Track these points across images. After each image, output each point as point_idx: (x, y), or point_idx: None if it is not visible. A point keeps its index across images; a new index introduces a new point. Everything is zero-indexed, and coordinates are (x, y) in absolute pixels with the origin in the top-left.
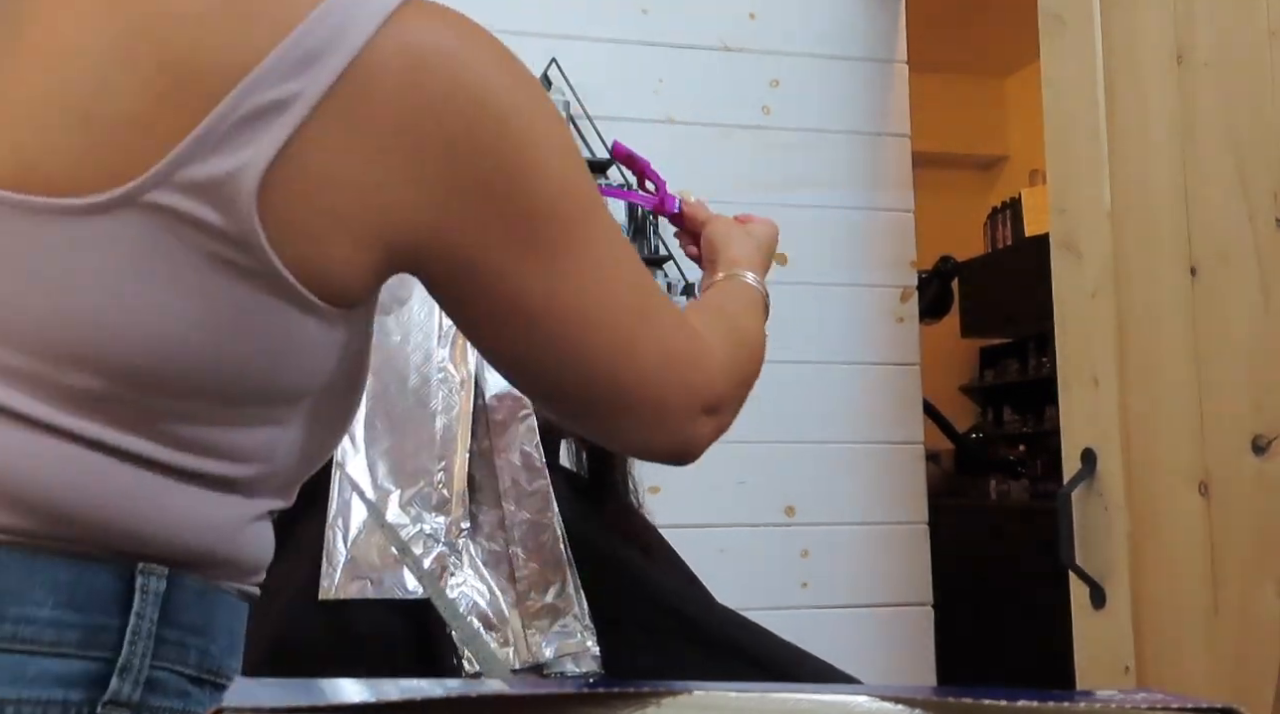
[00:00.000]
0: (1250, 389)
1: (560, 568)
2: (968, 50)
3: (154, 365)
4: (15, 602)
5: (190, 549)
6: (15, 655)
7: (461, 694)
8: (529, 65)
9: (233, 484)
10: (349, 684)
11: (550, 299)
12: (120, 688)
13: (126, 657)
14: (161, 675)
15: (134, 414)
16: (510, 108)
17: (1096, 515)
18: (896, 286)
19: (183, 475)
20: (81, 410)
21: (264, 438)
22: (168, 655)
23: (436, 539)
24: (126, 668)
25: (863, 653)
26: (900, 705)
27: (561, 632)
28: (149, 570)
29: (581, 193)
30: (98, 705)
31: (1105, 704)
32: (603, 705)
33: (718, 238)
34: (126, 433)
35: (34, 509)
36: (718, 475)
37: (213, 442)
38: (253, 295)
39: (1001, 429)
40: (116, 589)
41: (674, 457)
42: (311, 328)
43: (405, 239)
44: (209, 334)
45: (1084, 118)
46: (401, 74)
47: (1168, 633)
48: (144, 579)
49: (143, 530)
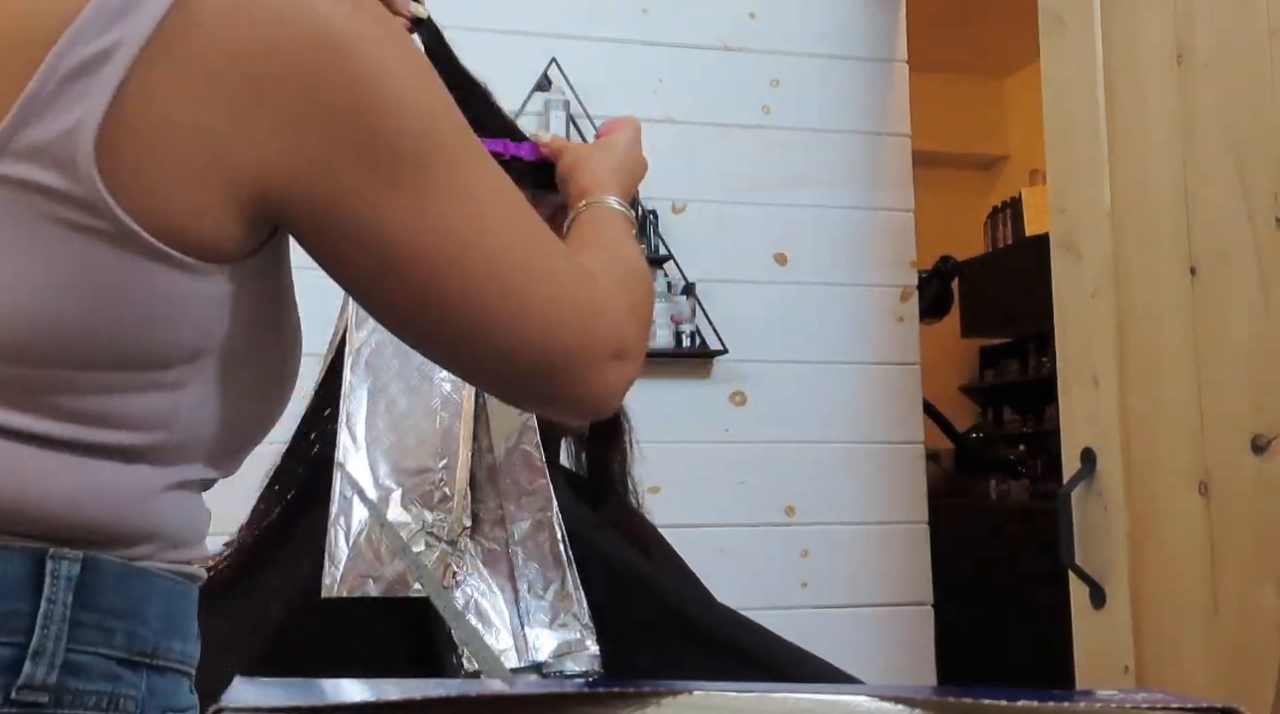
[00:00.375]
0: (1250, 389)
1: (560, 567)
2: (968, 50)
3: (27, 340)
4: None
5: (100, 523)
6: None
7: (461, 694)
8: (529, 65)
9: (134, 453)
10: (349, 684)
11: (417, 245)
12: (34, 672)
13: (39, 641)
14: (82, 659)
15: (17, 391)
16: (349, 35)
17: (1096, 515)
18: (896, 286)
19: (79, 448)
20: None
21: (158, 404)
22: (87, 639)
23: (438, 537)
24: (40, 652)
25: (863, 653)
26: (900, 705)
27: (560, 631)
28: (60, 555)
29: (446, 130)
30: (13, 690)
31: (1105, 704)
32: (603, 705)
33: (572, 166)
34: (13, 410)
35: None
36: (718, 475)
37: (103, 411)
38: (111, 256)
39: (1001, 429)
40: (27, 575)
41: (590, 410)
42: (181, 284)
43: (255, 185)
44: (77, 302)
45: (1084, 118)
46: (225, 8)
47: (1168, 633)
48: (54, 564)
49: (46, 508)
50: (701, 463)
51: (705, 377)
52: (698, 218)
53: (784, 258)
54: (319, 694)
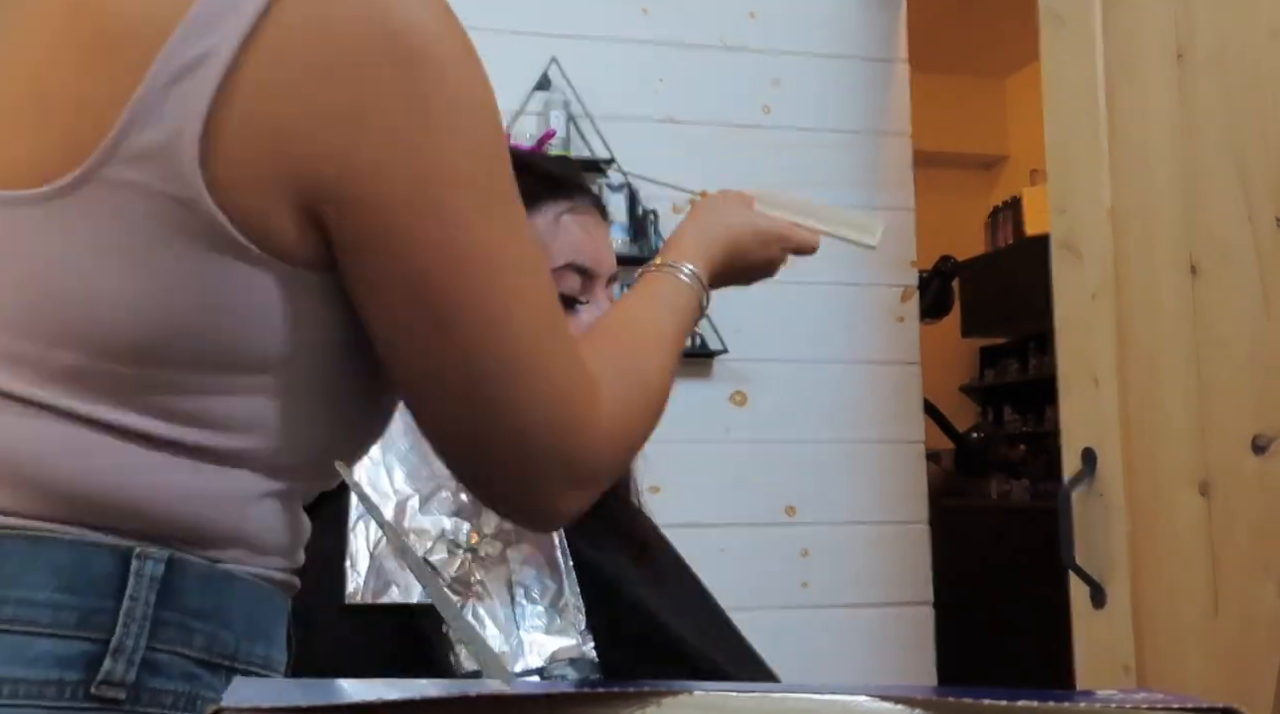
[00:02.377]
0: (1250, 389)
1: (557, 573)
2: (968, 50)
3: (131, 337)
4: (17, 586)
5: (189, 524)
6: (16, 636)
7: (461, 694)
8: (529, 64)
9: (231, 457)
10: (349, 684)
11: (442, 275)
12: (114, 668)
13: (120, 638)
14: (161, 658)
15: (121, 388)
16: (427, 48)
17: (1096, 515)
18: (897, 286)
19: (177, 448)
20: (71, 388)
21: (256, 408)
22: (167, 638)
23: (458, 545)
24: (120, 649)
25: (863, 653)
26: (900, 705)
27: (556, 637)
28: (145, 555)
29: (498, 169)
30: (93, 685)
31: (1105, 704)
32: (603, 705)
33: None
34: (116, 407)
35: (35, 488)
36: (718, 475)
37: (202, 411)
38: (212, 257)
39: (1002, 429)
40: (113, 573)
41: (530, 518)
42: (272, 287)
43: (310, 184)
44: (182, 303)
45: (1084, 118)
46: (311, 8)
47: (1168, 633)
48: (139, 563)
49: (139, 505)
50: (701, 463)
51: (705, 376)
52: None
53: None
54: (319, 694)
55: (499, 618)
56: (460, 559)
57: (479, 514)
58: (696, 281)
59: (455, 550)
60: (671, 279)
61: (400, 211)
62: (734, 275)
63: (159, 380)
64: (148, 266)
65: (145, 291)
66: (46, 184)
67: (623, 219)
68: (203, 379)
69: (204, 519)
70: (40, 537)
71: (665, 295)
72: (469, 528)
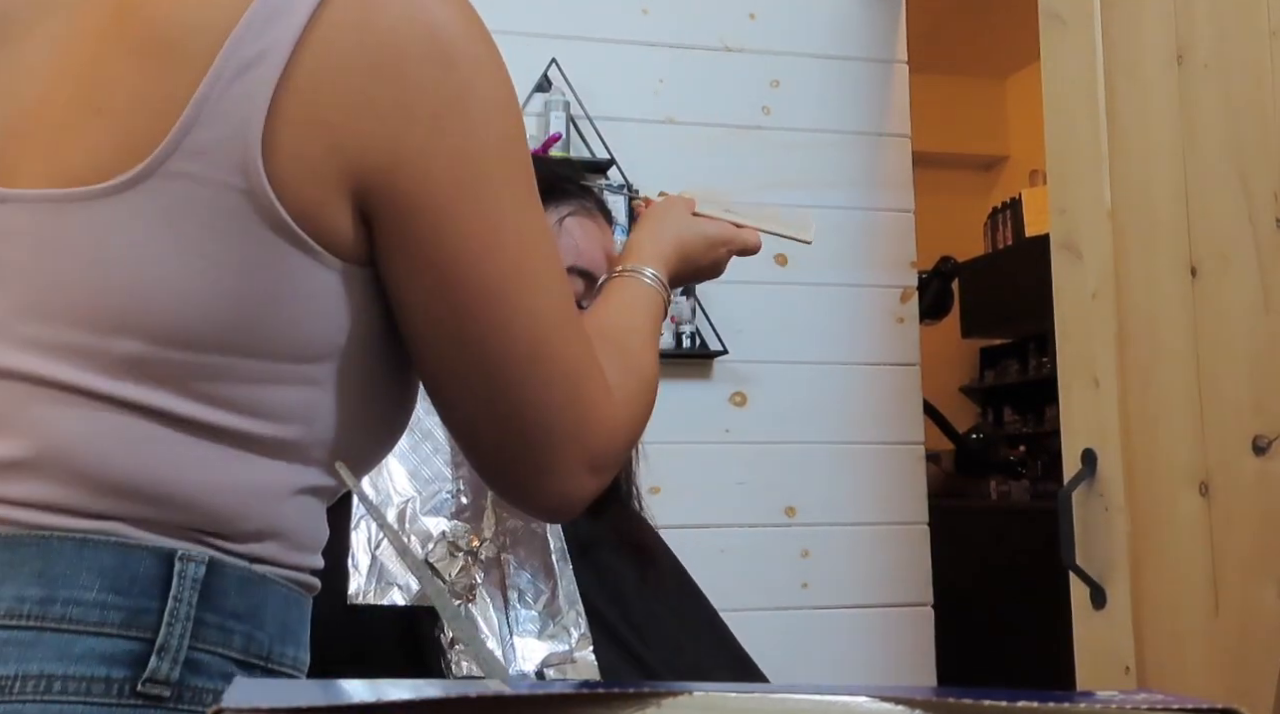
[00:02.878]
0: (1250, 389)
1: (551, 577)
2: (968, 50)
3: (188, 324)
4: (66, 586)
5: (233, 515)
6: (65, 635)
7: (461, 694)
8: (529, 65)
9: (276, 446)
10: (349, 684)
11: (478, 266)
12: (159, 666)
13: (164, 637)
14: (203, 657)
15: (179, 375)
16: (463, 48)
17: (1096, 515)
18: (896, 287)
19: (229, 437)
20: (131, 376)
21: (301, 398)
22: (209, 638)
23: (460, 547)
24: (165, 648)
25: (863, 653)
26: (900, 706)
27: (549, 642)
28: (188, 556)
29: (524, 165)
30: (139, 683)
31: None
32: (603, 705)
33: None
34: (171, 394)
35: (87, 483)
36: (718, 476)
37: (252, 399)
38: (268, 247)
39: (1002, 429)
40: (158, 574)
41: (546, 509)
42: (323, 278)
43: (360, 176)
44: (235, 288)
45: (1084, 118)
46: (359, 12)
47: (1168, 633)
48: (182, 565)
49: (190, 496)
50: (701, 463)
51: (705, 377)
52: None
53: (784, 258)
54: (318, 694)
55: (492, 622)
56: (460, 561)
57: (479, 517)
58: (659, 283)
59: (456, 553)
60: (637, 282)
61: (441, 198)
62: (686, 277)
63: (216, 368)
64: (209, 256)
65: (206, 280)
66: (107, 181)
67: (623, 221)
68: (259, 367)
69: (249, 510)
70: (87, 539)
71: (637, 297)
72: (469, 530)
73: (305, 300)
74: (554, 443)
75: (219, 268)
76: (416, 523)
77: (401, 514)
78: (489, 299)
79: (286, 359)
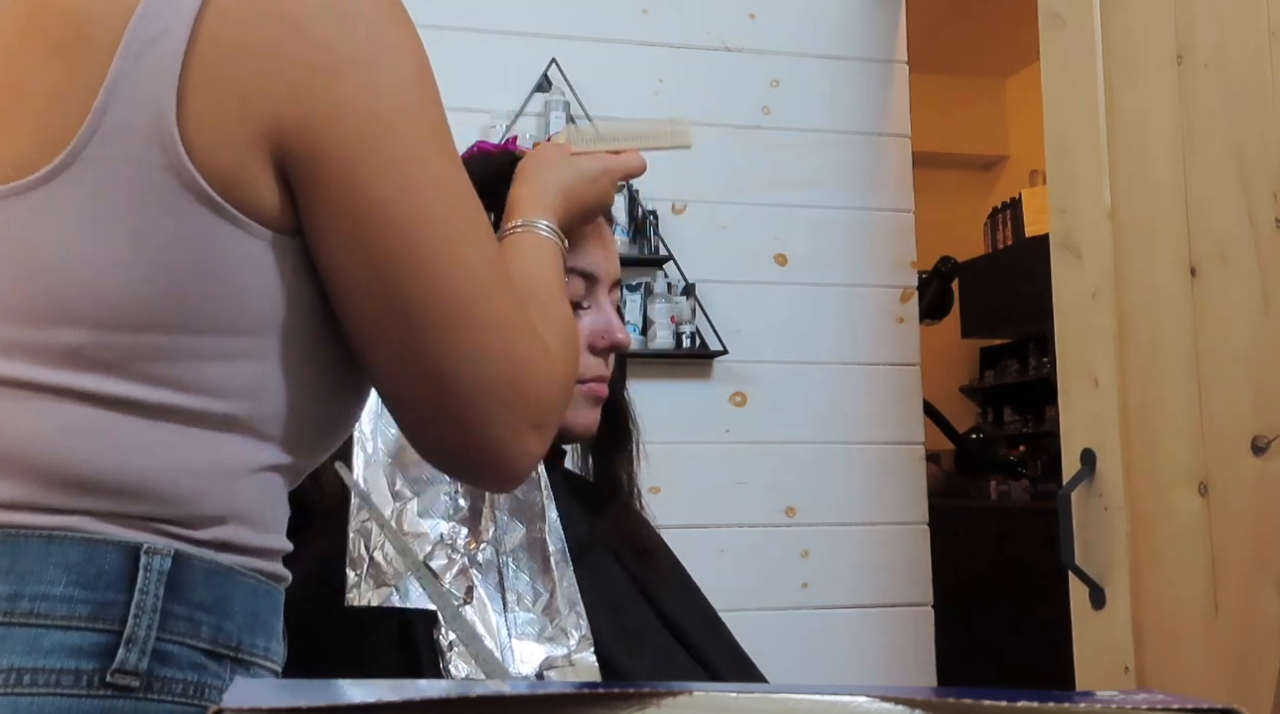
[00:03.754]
0: (1250, 389)
1: (550, 580)
2: (968, 50)
3: (124, 306)
4: (34, 581)
5: (191, 497)
6: (34, 629)
7: (461, 694)
8: (529, 65)
9: (226, 423)
10: (348, 684)
11: (397, 222)
12: (127, 657)
13: (131, 629)
14: (171, 648)
15: (120, 359)
16: (361, 7)
17: (1096, 515)
18: (896, 286)
19: (175, 415)
20: (72, 365)
21: (248, 373)
22: (176, 629)
23: (456, 549)
24: (132, 639)
25: (863, 653)
26: (900, 706)
27: (547, 645)
28: (154, 550)
29: (439, 120)
30: (108, 674)
31: (1105, 704)
32: (603, 705)
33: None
34: (116, 378)
35: (39, 477)
36: (718, 475)
37: (198, 377)
38: (193, 219)
39: (1002, 429)
40: (123, 568)
41: (495, 474)
42: (252, 248)
43: (275, 137)
44: (167, 265)
45: (1084, 118)
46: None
47: (1168, 633)
48: (148, 558)
49: (144, 481)
50: (701, 463)
51: (705, 377)
52: (698, 218)
53: (784, 258)
54: (319, 694)
55: (491, 624)
56: (459, 564)
57: (477, 520)
58: (554, 233)
59: (454, 556)
60: (534, 236)
61: (350, 151)
62: (577, 218)
63: (158, 348)
64: (138, 236)
65: (137, 260)
66: (31, 175)
67: (622, 220)
68: (200, 343)
69: (206, 492)
70: (53, 536)
71: (539, 250)
72: (466, 533)
73: (238, 272)
74: (494, 403)
75: (148, 247)
76: (414, 525)
77: (399, 517)
78: (408, 253)
79: (228, 333)
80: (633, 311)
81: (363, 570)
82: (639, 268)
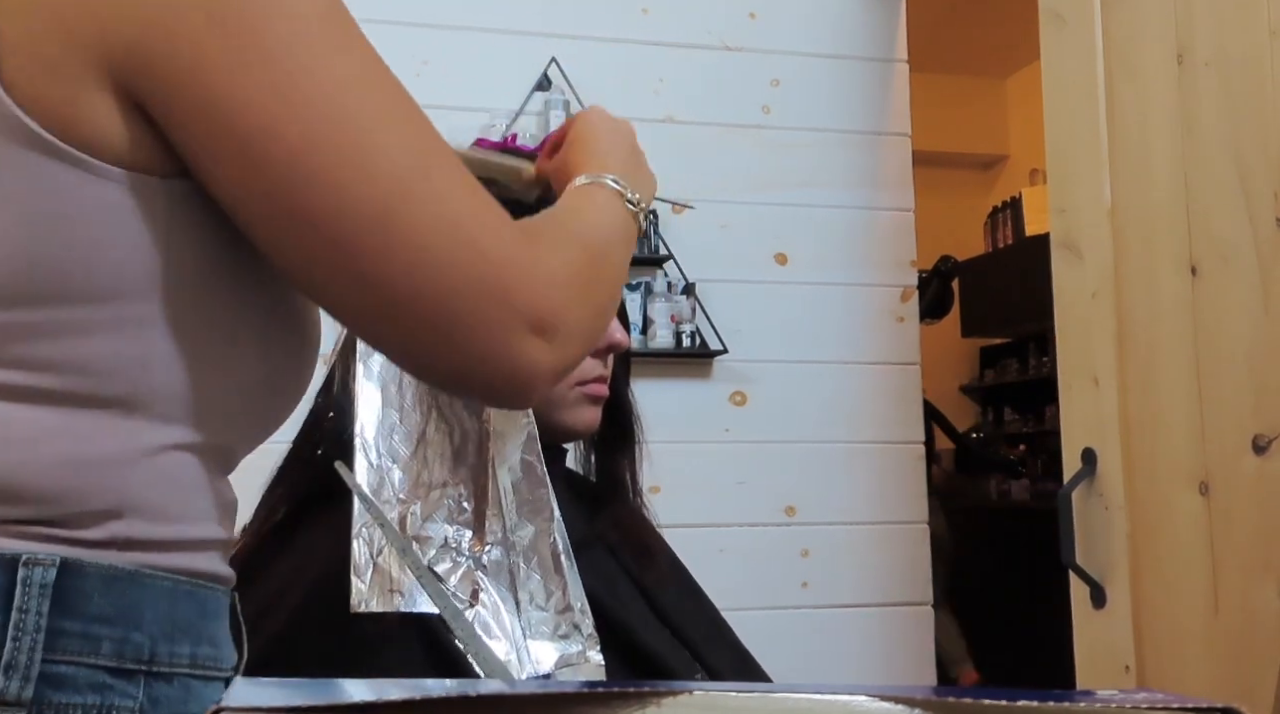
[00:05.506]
0: (1250, 389)
1: (560, 577)
2: (968, 50)
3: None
4: None
5: (73, 491)
6: None
7: (461, 694)
8: (529, 65)
9: (106, 404)
10: (349, 684)
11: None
12: (7, 686)
13: (10, 653)
14: (64, 670)
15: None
16: None
17: (1096, 515)
18: (896, 286)
19: (48, 399)
20: None
21: (127, 345)
22: (69, 648)
23: (460, 552)
24: (13, 665)
25: (863, 653)
26: (900, 705)
27: (562, 643)
28: (34, 561)
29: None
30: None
31: (1105, 704)
32: (603, 705)
33: (571, 141)
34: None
35: None
36: (718, 475)
37: (70, 355)
38: (30, 168)
39: (1002, 429)
40: (1, 584)
41: (500, 387)
42: (103, 191)
43: (103, 62)
44: (11, 227)
45: (1084, 118)
46: None
47: (1168, 633)
48: (28, 571)
49: (21, 480)
50: (701, 463)
51: (705, 377)
52: (698, 218)
53: (784, 258)
54: (319, 694)
55: (507, 626)
56: (464, 568)
57: (482, 522)
58: (625, 187)
59: (459, 559)
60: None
61: (216, 56)
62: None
63: (22, 326)
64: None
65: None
66: None
67: None
68: (69, 316)
69: (90, 485)
70: None
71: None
72: (471, 535)
73: (91, 222)
74: (466, 309)
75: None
76: (418, 529)
77: (403, 521)
78: (303, 163)
79: (99, 301)
80: (632, 311)
81: (367, 578)
82: (639, 267)
